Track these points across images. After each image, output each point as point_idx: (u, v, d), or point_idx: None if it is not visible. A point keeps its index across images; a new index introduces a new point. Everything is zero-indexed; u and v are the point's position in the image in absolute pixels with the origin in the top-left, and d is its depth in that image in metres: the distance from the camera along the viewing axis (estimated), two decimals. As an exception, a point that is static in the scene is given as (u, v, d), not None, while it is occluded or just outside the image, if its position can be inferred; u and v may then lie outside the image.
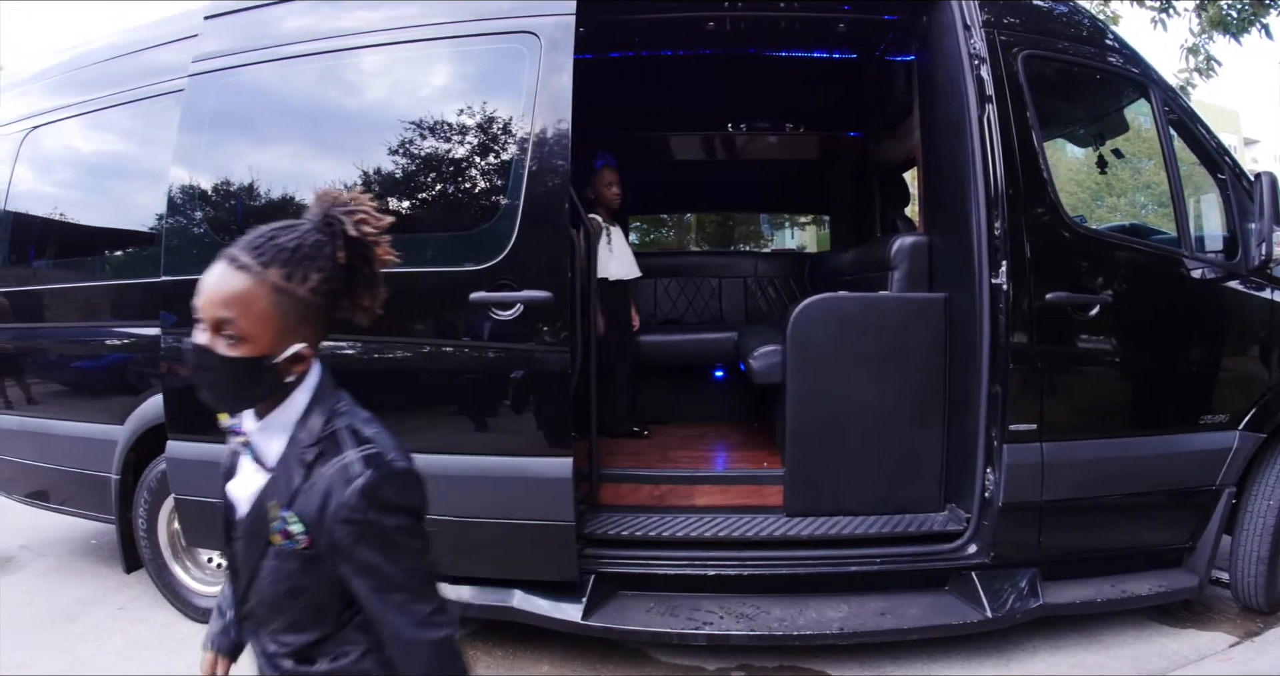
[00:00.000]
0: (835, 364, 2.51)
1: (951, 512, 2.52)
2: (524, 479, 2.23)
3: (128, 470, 2.81)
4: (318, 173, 2.44)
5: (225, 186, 2.53)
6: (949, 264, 2.55)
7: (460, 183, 2.33)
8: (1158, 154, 2.57)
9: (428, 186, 2.34)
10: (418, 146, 2.35)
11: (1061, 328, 2.37)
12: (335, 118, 2.51)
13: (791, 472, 2.53)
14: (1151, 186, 3.00)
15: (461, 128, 2.33)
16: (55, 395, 3.10)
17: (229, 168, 2.53)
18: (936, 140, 2.63)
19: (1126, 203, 3.45)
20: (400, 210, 2.36)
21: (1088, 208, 3.75)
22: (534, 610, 2.31)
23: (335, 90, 2.48)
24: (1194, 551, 2.57)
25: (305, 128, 2.53)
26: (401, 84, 2.44)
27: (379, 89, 2.45)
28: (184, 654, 2.56)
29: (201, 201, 2.54)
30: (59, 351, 3.06)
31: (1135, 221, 2.73)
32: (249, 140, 2.56)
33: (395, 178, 2.35)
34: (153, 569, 2.83)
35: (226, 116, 2.55)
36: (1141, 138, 2.82)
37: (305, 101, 2.52)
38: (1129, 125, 2.89)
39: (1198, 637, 2.57)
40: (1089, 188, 3.44)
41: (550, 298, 2.18)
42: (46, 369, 3.12)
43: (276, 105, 2.53)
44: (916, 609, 2.35)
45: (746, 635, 2.24)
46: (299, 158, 2.49)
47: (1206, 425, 2.52)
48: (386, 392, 2.36)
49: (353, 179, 2.36)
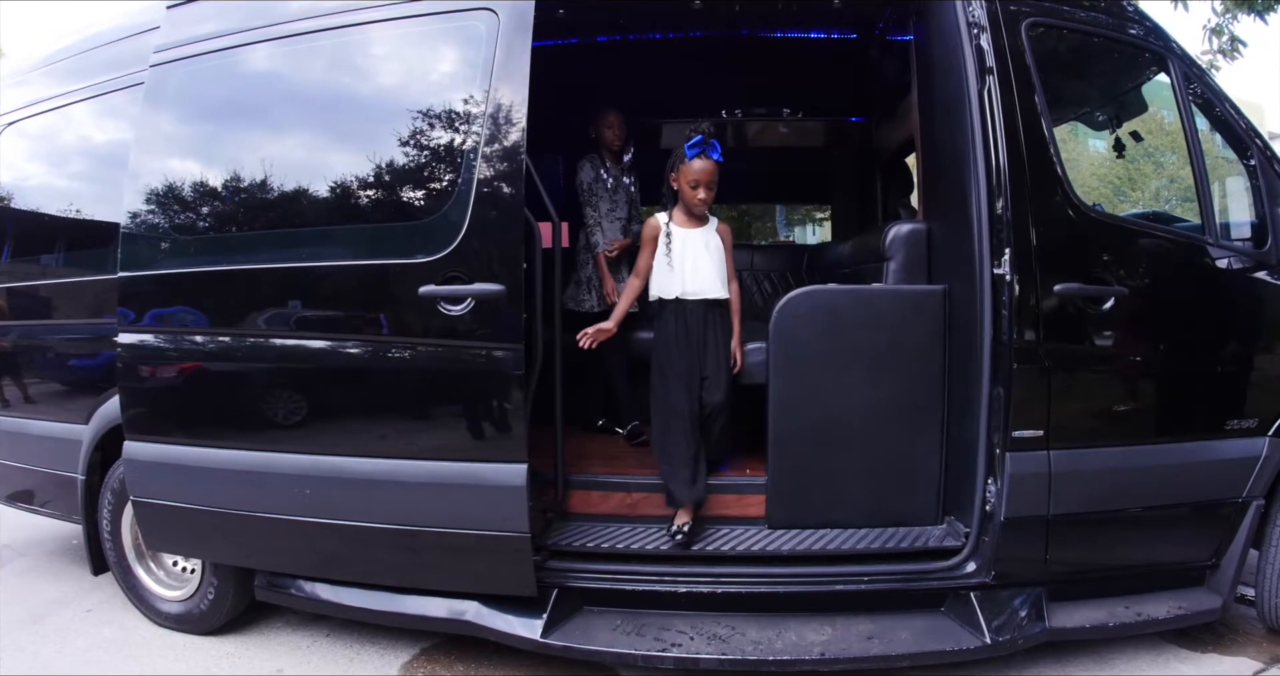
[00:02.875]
0: (823, 363, 2.21)
1: (949, 527, 2.22)
2: (476, 486, 1.97)
3: (93, 470, 2.61)
4: (270, 159, 2.19)
5: (181, 179, 2.30)
6: (949, 253, 2.23)
7: (410, 169, 2.07)
8: (1179, 139, 2.23)
9: (376, 173, 2.08)
10: (367, 131, 2.10)
11: (1072, 323, 2.05)
12: (287, 103, 2.27)
13: (774, 481, 2.24)
14: (1176, 179, 2.64)
15: (414, 110, 2.06)
16: (27, 394, 2.91)
17: (186, 160, 2.30)
18: (934, 118, 2.31)
19: (1148, 196, 3.08)
20: (349, 199, 2.12)
21: (1109, 203, 3.37)
22: (489, 625, 2.06)
23: (288, 75, 2.23)
24: (1217, 569, 2.23)
25: (257, 116, 2.28)
26: (353, 65, 2.20)
27: (330, 72, 2.20)
28: (143, 658, 2.36)
29: (159, 195, 2.32)
30: (28, 348, 2.88)
31: (1155, 210, 2.37)
32: (205, 131, 2.33)
33: (344, 164, 2.11)
34: (117, 572, 2.63)
35: (184, 107, 2.33)
36: (1164, 130, 2.48)
37: (258, 89, 2.28)
38: (1147, 104, 2.54)
39: (1219, 663, 2.25)
40: (1110, 182, 3.05)
41: (503, 291, 1.92)
42: (17, 367, 2.93)
43: (230, 94, 2.29)
44: (908, 633, 2.05)
45: (718, 659, 1.96)
46: (250, 147, 2.24)
47: (1233, 431, 2.18)
48: (333, 392, 2.12)
49: (299, 164, 2.12)
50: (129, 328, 2.30)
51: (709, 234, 2.35)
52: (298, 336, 2.12)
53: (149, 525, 2.39)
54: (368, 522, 2.06)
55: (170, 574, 2.61)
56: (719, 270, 2.34)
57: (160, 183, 2.28)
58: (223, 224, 2.25)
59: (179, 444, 2.27)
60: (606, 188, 3.13)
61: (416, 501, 2.02)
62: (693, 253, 2.31)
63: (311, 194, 2.13)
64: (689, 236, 2.32)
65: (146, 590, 2.60)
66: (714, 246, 2.34)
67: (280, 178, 2.16)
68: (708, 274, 2.31)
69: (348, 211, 2.12)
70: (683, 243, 2.31)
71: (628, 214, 3.21)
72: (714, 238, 2.35)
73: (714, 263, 2.32)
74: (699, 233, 2.33)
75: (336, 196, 2.10)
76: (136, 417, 2.31)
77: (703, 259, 2.31)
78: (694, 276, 2.30)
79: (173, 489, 2.29)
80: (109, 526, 2.61)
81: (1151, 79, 2.37)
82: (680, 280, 2.30)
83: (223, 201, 2.22)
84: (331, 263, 2.09)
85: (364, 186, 2.09)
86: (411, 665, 2.30)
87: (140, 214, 2.30)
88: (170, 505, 2.29)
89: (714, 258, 2.33)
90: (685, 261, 2.30)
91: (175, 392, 2.28)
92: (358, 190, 2.10)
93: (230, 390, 2.23)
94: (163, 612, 2.55)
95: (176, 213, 2.28)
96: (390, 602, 2.18)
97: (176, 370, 2.26)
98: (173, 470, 2.27)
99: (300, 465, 2.11)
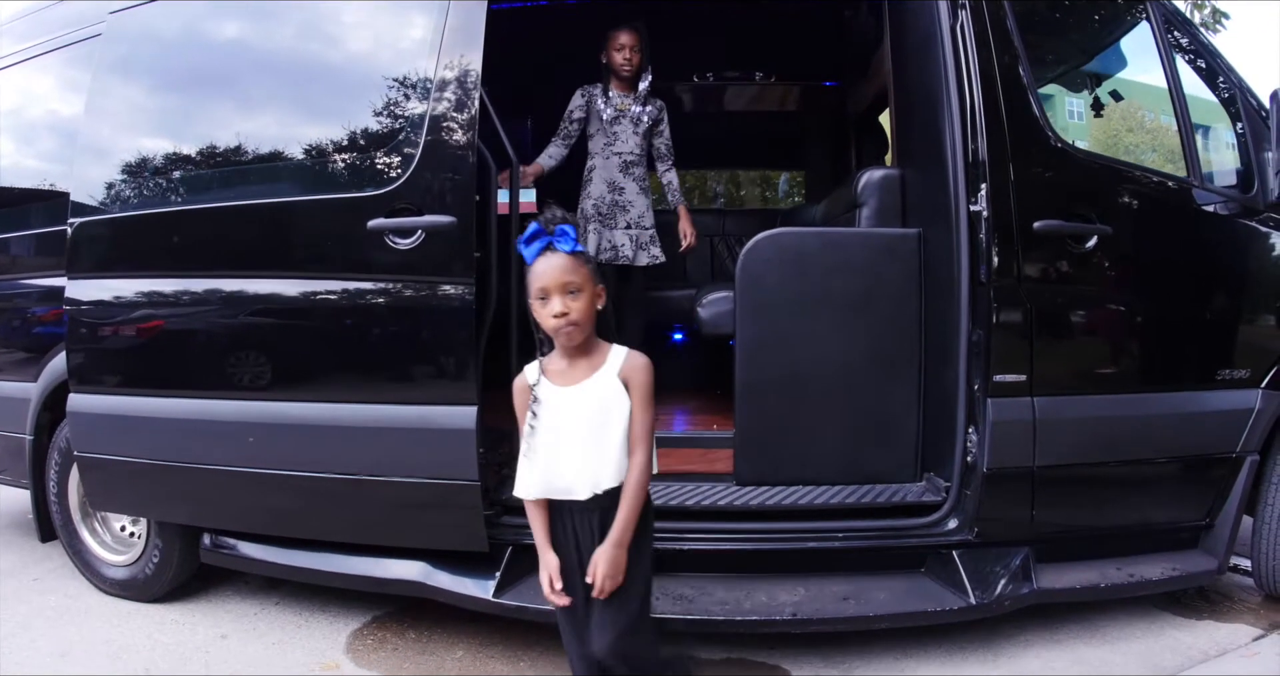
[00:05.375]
0: (792, 310, 2.03)
1: (929, 483, 2.03)
2: (423, 430, 1.79)
3: (41, 431, 2.44)
4: (220, 94, 2.06)
5: (132, 119, 2.17)
6: (923, 198, 2.08)
7: (360, 99, 1.92)
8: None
9: (327, 104, 1.94)
10: (319, 58, 1.97)
11: (1053, 263, 1.89)
12: (236, 36, 2.13)
13: (743, 434, 2.06)
14: (1154, 131, 2.51)
15: (367, 34, 1.93)
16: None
17: (137, 98, 2.17)
18: (907, 61, 2.18)
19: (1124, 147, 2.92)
20: (298, 132, 1.97)
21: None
22: (438, 585, 1.87)
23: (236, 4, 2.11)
24: (1211, 530, 2.05)
25: (205, 50, 2.13)
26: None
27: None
28: (84, 625, 2.17)
29: (110, 137, 2.18)
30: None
31: (1131, 161, 2.23)
32: (155, 70, 2.19)
33: (296, 94, 1.97)
34: (64, 535, 2.44)
35: (136, 45, 2.20)
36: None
37: (206, 21, 2.14)
38: (1127, 61, 2.42)
39: (1216, 630, 2.05)
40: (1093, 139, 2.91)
41: (454, 223, 1.76)
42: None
43: (179, 29, 2.15)
44: (886, 593, 1.86)
45: (683, 619, 1.77)
46: (199, 83, 2.11)
47: (1224, 381, 2.01)
48: (279, 334, 1.96)
49: (250, 98, 1.98)
50: (76, 275, 2.15)
51: (603, 384, 1.33)
52: (243, 276, 1.96)
53: (93, 483, 2.22)
54: (314, 472, 1.89)
55: (116, 538, 2.42)
56: (610, 445, 1.31)
57: (111, 123, 2.14)
58: (171, 165, 2.10)
59: (123, 394, 2.10)
60: (602, 119, 2.72)
61: (364, 448, 1.84)
62: (568, 425, 1.33)
63: (262, 128, 1.99)
64: (564, 399, 1.33)
65: (92, 554, 2.41)
66: (607, 405, 1.32)
67: (230, 113, 2.02)
68: (583, 459, 1.32)
69: (297, 145, 1.97)
70: (555, 410, 1.33)
71: (638, 149, 2.74)
72: (609, 389, 1.32)
73: (599, 436, 1.32)
74: (581, 389, 1.33)
75: (286, 129, 1.96)
76: (81, 368, 2.14)
77: (579, 433, 1.32)
78: (562, 464, 1.33)
79: (116, 443, 2.12)
80: (55, 488, 2.43)
81: (1134, 26, 2.24)
82: (541, 473, 1.34)
83: (172, 141, 2.08)
84: (279, 199, 1.94)
85: (313, 118, 1.95)
86: (361, 632, 2.10)
87: (90, 158, 2.16)
88: (114, 459, 2.12)
89: (601, 426, 1.32)
90: (553, 441, 1.33)
91: (120, 339, 2.12)
92: (307, 123, 1.96)
93: (175, 336, 2.07)
94: (108, 578, 2.36)
95: (127, 154, 2.14)
96: (338, 563, 1.99)
97: (122, 317, 2.11)
98: (116, 422, 2.10)
99: (245, 412, 1.94)
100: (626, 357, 1.35)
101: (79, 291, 2.15)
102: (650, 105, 2.77)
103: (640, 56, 2.68)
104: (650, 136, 2.79)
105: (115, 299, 2.12)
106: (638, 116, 2.74)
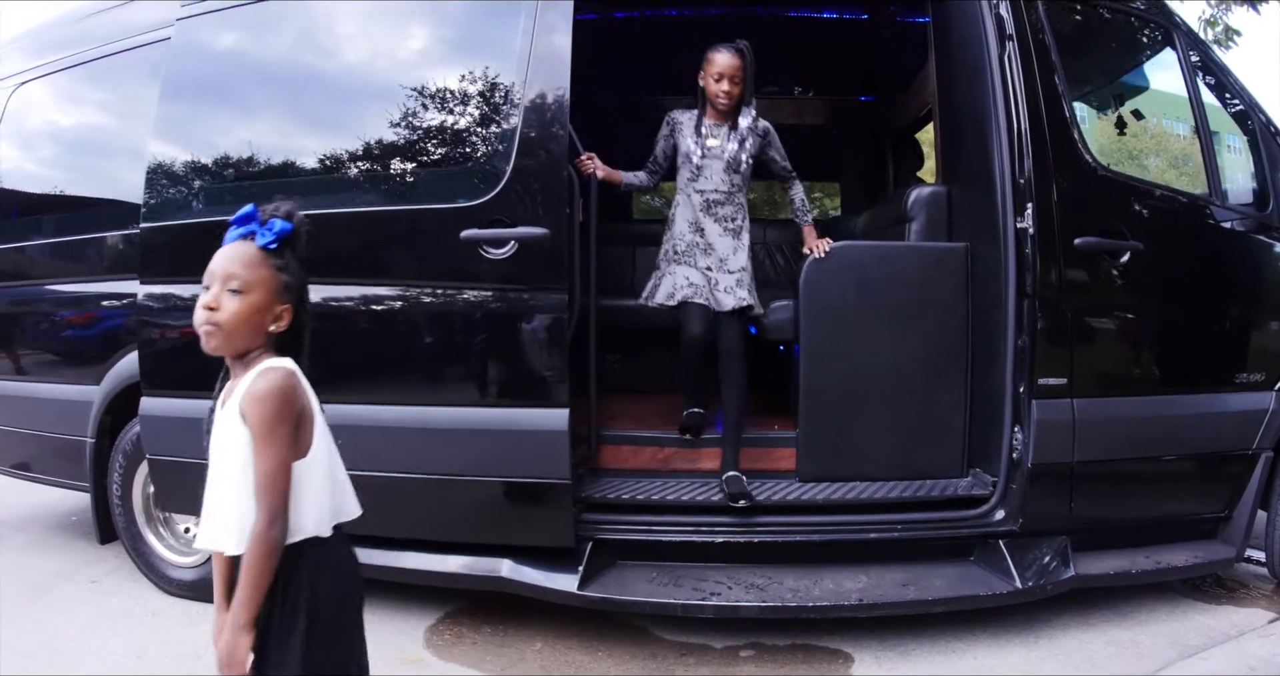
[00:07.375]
0: (851, 318, 2.16)
1: (976, 478, 2.17)
2: (516, 432, 1.87)
3: (103, 434, 2.45)
4: (301, 109, 2.12)
5: (211, 124, 2.20)
6: (969, 213, 2.22)
7: (452, 114, 1.99)
8: (1184, 112, 2.26)
9: (419, 119, 2.01)
10: (414, 76, 2.03)
11: (1091, 276, 2.04)
12: (327, 48, 2.19)
13: (805, 434, 2.18)
14: (1176, 153, 2.67)
15: (452, 48, 2.01)
16: (33, 357, 2.75)
17: (216, 104, 2.21)
18: (954, 86, 2.31)
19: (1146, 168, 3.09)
20: (388, 144, 2.04)
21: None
22: (524, 580, 1.94)
23: (327, 19, 2.16)
24: (1229, 521, 2.22)
25: (290, 64, 2.20)
26: (394, 7, 2.12)
27: (372, 16, 2.13)
28: (155, 627, 2.19)
29: (186, 142, 2.22)
30: (35, 310, 2.72)
31: (1155, 180, 2.40)
32: (238, 77, 2.22)
33: (388, 109, 2.03)
34: (127, 538, 2.46)
35: (214, 54, 2.23)
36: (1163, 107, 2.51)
37: (292, 35, 2.20)
38: (1149, 82, 2.59)
39: (1235, 613, 2.21)
40: (1112, 155, 3.05)
41: (547, 234, 1.85)
42: (23, 329, 2.77)
43: (265, 40, 2.20)
44: (941, 580, 1.99)
45: (758, 606, 1.88)
46: (283, 93, 2.17)
47: (1242, 384, 2.19)
48: (370, 339, 2.02)
49: (343, 116, 2.04)
50: (150, 279, 2.18)
51: (230, 414, 1.05)
52: (331, 282, 2.02)
53: (164, 485, 2.25)
54: (403, 473, 1.95)
55: (180, 539, 2.45)
56: (226, 497, 1.04)
57: (189, 128, 2.18)
58: (253, 170, 2.14)
59: (198, 398, 2.13)
60: (690, 159, 2.24)
61: (455, 449, 1.91)
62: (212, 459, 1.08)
63: (348, 140, 2.05)
64: (218, 425, 1.09)
65: (157, 556, 2.42)
66: (227, 442, 1.05)
67: (315, 122, 2.08)
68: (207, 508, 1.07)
69: (389, 157, 2.04)
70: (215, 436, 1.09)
71: (726, 185, 2.23)
72: (231, 421, 1.04)
73: (216, 483, 1.06)
74: (223, 414, 1.07)
75: (377, 142, 2.02)
76: (153, 371, 2.17)
77: (211, 472, 1.07)
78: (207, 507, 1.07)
79: (190, 445, 2.15)
80: (119, 490, 2.44)
81: (1158, 52, 2.41)
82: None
83: (253, 147, 2.12)
84: (371, 208, 2.00)
85: (406, 132, 2.01)
86: (437, 628, 2.16)
87: (164, 162, 2.19)
88: (187, 462, 2.15)
89: (222, 469, 1.05)
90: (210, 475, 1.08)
91: (193, 343, 2.15)
92: (398, 136, 2.02)
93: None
94: (174, 580, 2.38)
95: (205, 159, 2.18)
96: (421, 561, 2.04)
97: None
98: (190, 425, 2.13)
99: (332, 414, 1.98)
100: (251, 381, 1.02)
101: (153, 294, 2.18)
102: (750, 137, 2.26)
103: (742, 88, 2.20)
104: (760, 160, 2.34)
105: (188, 303, 2.14)
106: (734, 156, 2.24)
